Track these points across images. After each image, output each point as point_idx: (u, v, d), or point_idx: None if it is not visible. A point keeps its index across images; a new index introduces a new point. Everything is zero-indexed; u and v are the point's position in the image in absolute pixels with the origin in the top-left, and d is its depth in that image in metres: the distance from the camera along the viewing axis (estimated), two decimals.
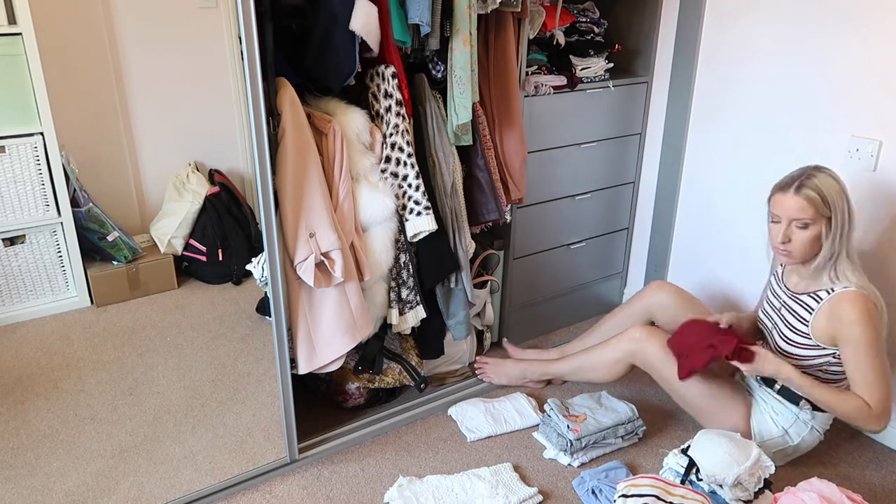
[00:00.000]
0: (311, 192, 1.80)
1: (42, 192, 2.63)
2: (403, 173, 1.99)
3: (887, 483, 2.01)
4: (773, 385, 1.95)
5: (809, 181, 1.76)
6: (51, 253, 2.73)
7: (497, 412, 2.24)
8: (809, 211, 1.75)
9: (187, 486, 1.93)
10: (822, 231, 1.77)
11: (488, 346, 2.61)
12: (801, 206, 1.76)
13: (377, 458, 2.07)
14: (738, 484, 1.72)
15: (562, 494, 1.95)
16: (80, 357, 2.50)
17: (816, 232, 1.77)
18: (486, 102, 2.19)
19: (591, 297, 2.91)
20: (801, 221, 1.77)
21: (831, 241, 1.77)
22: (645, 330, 2.07)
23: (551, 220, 2.61)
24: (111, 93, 2.92)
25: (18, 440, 2.09)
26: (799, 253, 1.81)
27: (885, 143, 2.03)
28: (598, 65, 2.49)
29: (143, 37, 2.92)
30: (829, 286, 1.81)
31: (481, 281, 2.44)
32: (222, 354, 2.53)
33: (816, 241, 1.78)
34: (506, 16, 2.09)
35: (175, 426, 2.16)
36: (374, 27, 1.78)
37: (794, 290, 1.91)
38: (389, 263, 2.02)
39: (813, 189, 1.75)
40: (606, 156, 2.67)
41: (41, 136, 2.57)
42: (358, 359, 2.15)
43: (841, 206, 1.76)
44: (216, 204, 2.95)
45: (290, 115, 1.76)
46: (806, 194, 1.75)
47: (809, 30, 2.15)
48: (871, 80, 2.02)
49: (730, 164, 2.48)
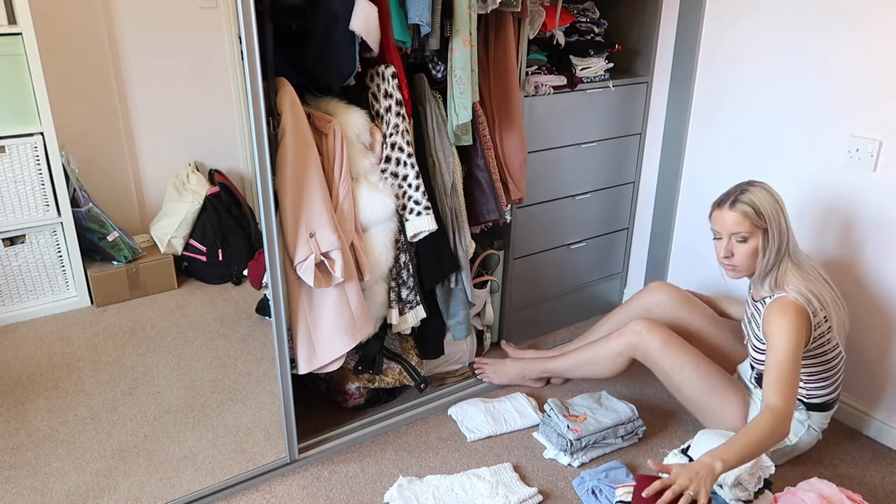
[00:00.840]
0: (311, 192, 1.80)
1: (42, 192, 2.63)
2: (403, 173, 1.99)
3: (887, 483, 2.01)
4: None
5: (743, 195, 1.82)
6: (51, 253, 2.73)
7: (497, 412, 2.24)
8: (745, 224, 1.81)
9: (187, 486, 1.93)
10: (759, 243, 1.83)
11: (488, 346, 2.61)
12: (737, 220, 1.82)
13: (377, 458, 2.07)
14: (738, 484, 1.72)
15: (562, 494, 1.95)
16: (80, 357, 2.50)
17: (755, 244, 1.83)
18: (486, 102, 2.19)
19: (591, 297, 2.91)
20: (740, 235, 1.83)
21: (769, 252, 1.82)
22: (646, 323, 2.07)
23: (551, 220, 2.61)
24: (111, 93, 2.92)
25: (18, 440, 2.09)
26: (742, 266, 1.87)
27: (885, 143, 2.03)
28: (598, 65, 2.49)
29: (144, 37, 2.92)
30: (770, 293, 1.86)
31: (481, 281, 2.44)
32: (222, 354, 2.53)
33: (756, 253, 1.84)
34: (506, 16, 2.09)
35: (175, 426, 2.16)
36: (374, 27, 1.78)
37: (754, 297, 1.96)
38: (389, 263, 2.02)
39: (747, 203, 1.81)
40: (606, 156, 2.67)
41: (41, 136, 2.57)
42: (358, 359, 2.15)
43: (776, 217, 1.82)
44: (216, 204, 2.95)
45: (290, 114, 1.76)
46: (740, 208, 1.81)
47: (809, 30, 2.15)
48: (871, 80, 2.02)
49: (730, 164, 2.48)
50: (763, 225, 1.81)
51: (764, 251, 1.83)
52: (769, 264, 1.84)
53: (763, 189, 1.84)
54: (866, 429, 2.21)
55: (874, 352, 2.15)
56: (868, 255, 2.12)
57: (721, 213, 1.86)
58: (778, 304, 1.81)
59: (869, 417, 2.20)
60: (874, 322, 2.13)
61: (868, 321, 2.14)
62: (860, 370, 2.20)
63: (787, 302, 1.79)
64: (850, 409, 2.24)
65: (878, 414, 2.18)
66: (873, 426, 2.19)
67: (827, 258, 2.21)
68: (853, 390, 2.23)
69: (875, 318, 2.13)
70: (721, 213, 1.86)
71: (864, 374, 2.19)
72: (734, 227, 1.83)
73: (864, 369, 2.19)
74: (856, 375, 2.21)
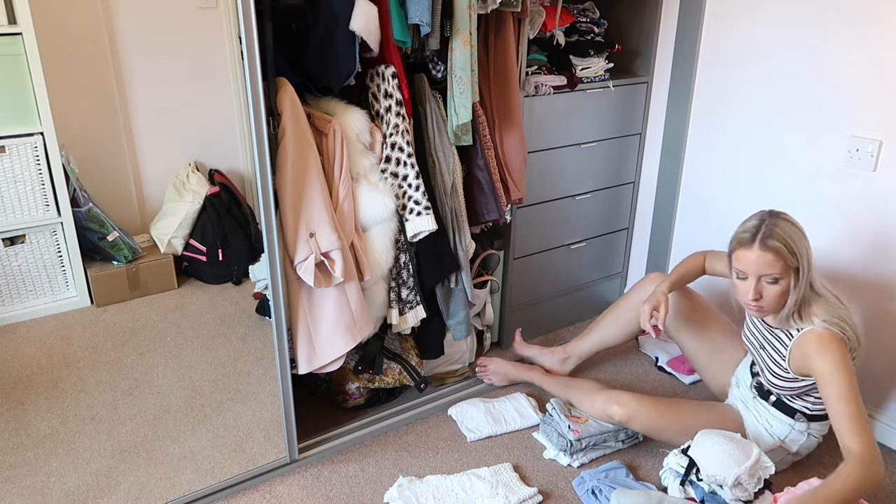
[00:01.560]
0: (311, 192, 1.80)
1: (42, 191, 2.63)
2: (403, 173, 1.99)
3: (887, 483, 2.01)
4: (768, 398, 1.93)
5: (772, 233, 1.68)
6: (51, 253, 2.73)
7: (497, 412, 2.24)
8: (778, 266, 1.68)
9: (187, 486, 1.93)
10: (790, 283, 1.71)
11: (488, 346, 2.61)
12: (769, 261, 1.68)
13: (377, 458, 2.07)
14: (738, 484, 1.72)
15: (562, 494, 1.95)
16: (80, 357, 2.50)
17: (786, 285, 1.71)
18: (486, 102, 2.19)
19: (591, 297, 2.91)
20: (770, 277, 1.70)
21: (799, 289, 1.71)
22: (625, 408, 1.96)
23: (551, 220, 2.61)
24: (111, 93, 2.92)
25: (18, 440, 2.09)
26: (771, 307, 1.75)
27: (885, 143, 2.03)
28: (598, 65, 2.49)
29: (143, 37, 2.91)
30: (798, 326, 1.77)
31: (481, 281, 2.44)
32: (222, 354, 2.53)
33: (787, 293, 1.72)
34: (506, 16, 2.09)
35: (175, 426, 2.16)
36: (374, 27, 1.78)
37: (771, 324, 1.87)
38: (389, 263, 2.02)
39: (779, 240, 1.67)
40: (606, 156, 2.67)
41: (41, 136, 2.57)
42: (358, 359, 2.15)
43: (807, 254, 1.70)
44: (216, 204, 2.95)
45: (290, 114, 1.76)
46: (773, 247, 1.67)
47: (809, 30, 2.15)
48: (871, 80, 2.02)
49: (729, 165, 2.48)
50: (795, 264, 1.68)
51: (794, 289, 1.71)
52: (796, 300, 1.72)
53: (788, 223, 1.70)
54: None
55: (874, 350, 2.15)
56: (868, 256, 2.12)
57: (748, 252, 1.69)
58: (814, 340, 1.70)
59: (872, 419, 2.20)
60: (874, 322, 2.13)
61: (868, 320, 2.14)
62: (860, 371, 2.20)
63: (825, 336, 1.69)
64: None
65: (883, 417, 2.18)
66: (875, 427, 2.19)
67: (827, 259, 2.21)
68: None
69: (875, 317, 2.13)
70: (748, 252, 1.69)
71: (864, 376, 2.19)
72: (765, 268, 1.68)
73: (865, 370, 2.19)
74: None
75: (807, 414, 1.89)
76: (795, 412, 1.89)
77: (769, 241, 1.67)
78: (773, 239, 1.67)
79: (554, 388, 2.29)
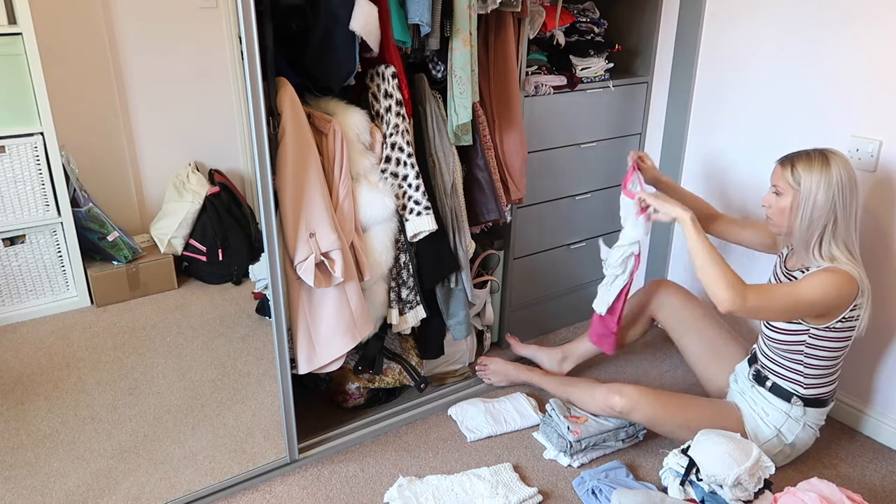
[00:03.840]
0: (311, 192, 1.80)
1: (42, 192, 2.63)
2: (403, 173, 1.99)
3: (887, 483, 2.01)
4: (765, 383, 1.94)
5: (800, 155, 1.82)
6: (51, 253, 2.73)
7: (497, 412, 2.24)
8: (781, 180, 1.83)
9: (187, 486, 1.93)
10: (789, 203, 1.82)
11: (488, 346, 2.61)
12: (777, 172, 1.85)
13: (377, 458, 2.07)
14: (738, 484, 1.72)
15: (562, 494, 1.95)
16: (80, 357, 2.50)
17: (785, 203, 1.83)
18: (486, 102, 2.19)
19: (591, 297, 2.87)
20: (775, 188, 1.85)
21: (802, 217, 1.79)
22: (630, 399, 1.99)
23: (551, 220, 2.61)
24: (111, 93, 2.92)
25: (18, 440, 2.09)
26: (775, 219, 1.87)
27: (885, 143, 2.03)
28: (598, 65, 2.49)
29: (144, 37, 2.92)
30: (818, 263, 1.82)
31: (481, 281, 2.44)
32: (222, 354, 2.53)
33: (785, 211, 1.83)
34: (506, 16, 2.09)
35: (175, 426, 2.16)
36: (374, 27, 1.78)
37: (790, 268, 1.92)
38: (389, 263, 2.02)
39: (795, 163, 1.81)
40: (606, 156, 2.67)
41: (41, 136, 2.57)
42: (358, 359, 2.15)
43: (815, 190, 1.77)
44: (216, 204, 2.95)
45: (290, 115, 1.76)
46: (785, 164, 1.83)
47: (809, 30, 2.15)
48: (871, 80, 2.02)
49: (730, 165, 2.48)
50: (795, 187, 1.80)
51: (797, 213, 1.80)
52: (806, 230, 1.79)
53: (824, 163, 1.78)
54: (863, 426, 2.21)
55: (870, 347, 2.15)
56: (868, 256, 2.12)
57: (777, 164, 1.88)
58: (829, 269, 1.78)
59: (864, 414, 2.20)
60: (873, 320, 2.13)
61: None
62: (856, 367, 2.20)
63: (841, 270, 1.77)
64: (846, 407, 2.24)
65: (872, 411, 2.19)
66: (870, 423, 2.20)
67: None
68: (849, 388, 2.23)
69: (874, 316, 2.12)
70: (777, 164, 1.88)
71: (860, 371, 2.20)
72: (774, 178, 1.85)
73: (860, 366, 2.19)
74: (852, 372, 2.21)
75: (802, 396, 1.90)
76: (791, 396, 1.90)
77: (787, 158, 1.84)
78: (792, 160, 1.82)
79: (554, 387, 2.29)
